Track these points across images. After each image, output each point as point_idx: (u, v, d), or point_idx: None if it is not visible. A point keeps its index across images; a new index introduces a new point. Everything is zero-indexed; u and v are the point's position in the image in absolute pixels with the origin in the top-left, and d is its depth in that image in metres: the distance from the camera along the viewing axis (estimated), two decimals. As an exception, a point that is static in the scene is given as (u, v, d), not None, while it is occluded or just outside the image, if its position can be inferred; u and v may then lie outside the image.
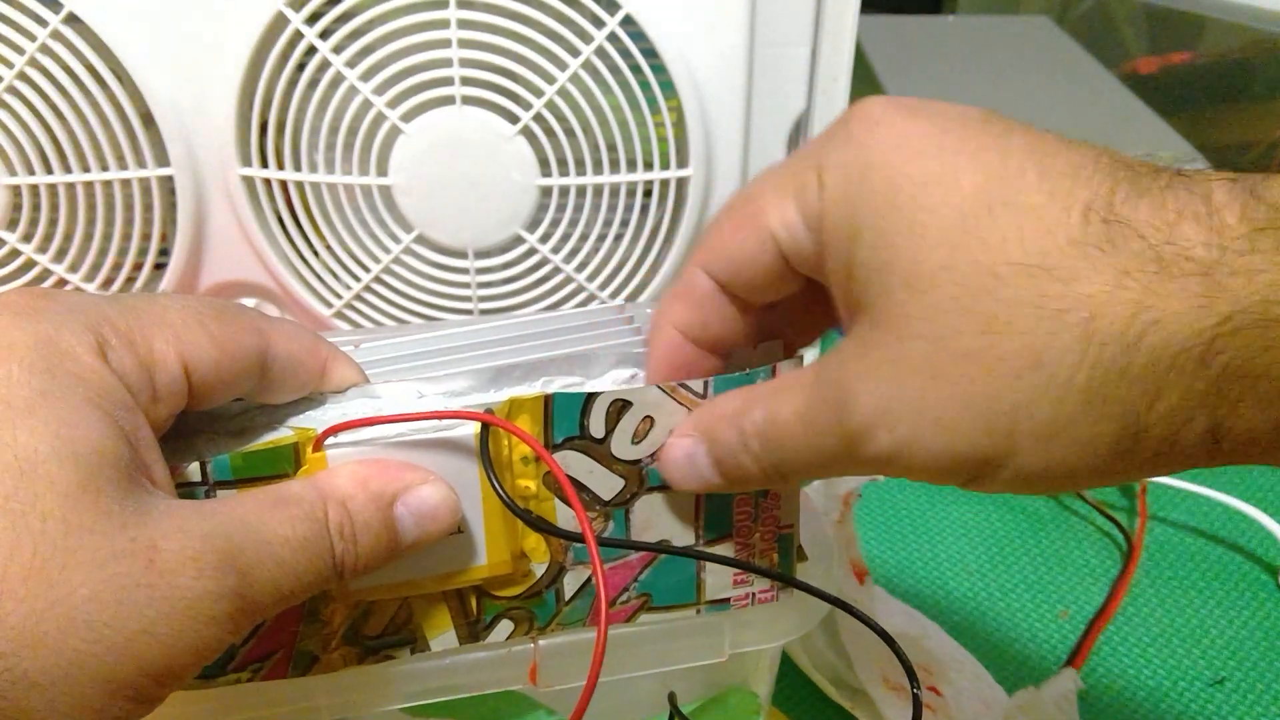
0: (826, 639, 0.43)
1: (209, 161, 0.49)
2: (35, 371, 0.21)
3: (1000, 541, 0.53)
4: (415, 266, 0.51)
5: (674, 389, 0.28)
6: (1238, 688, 0.45)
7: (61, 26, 0.45)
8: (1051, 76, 0.63)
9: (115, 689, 0.20)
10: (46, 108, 0.46)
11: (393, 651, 0.30)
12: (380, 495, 0.26)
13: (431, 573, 0.29)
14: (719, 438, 0.26)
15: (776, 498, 0.30)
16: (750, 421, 0.25)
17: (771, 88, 0.52)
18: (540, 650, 0.31)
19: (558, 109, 0.47)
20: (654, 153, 0.49)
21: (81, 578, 0.20)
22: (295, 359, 0.27)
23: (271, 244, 0.51)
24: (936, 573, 0.51)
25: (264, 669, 0.29)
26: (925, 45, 0.69)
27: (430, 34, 0.46)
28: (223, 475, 0.26)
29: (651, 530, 0.30)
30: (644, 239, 0.52)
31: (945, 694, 0.42)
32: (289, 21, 0.45)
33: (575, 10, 0.46)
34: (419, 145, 0.48)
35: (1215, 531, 0.53)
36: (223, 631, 0.22)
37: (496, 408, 0.28)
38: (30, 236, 0.49)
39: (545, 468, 0.28)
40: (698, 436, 0.27)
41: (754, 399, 0.26)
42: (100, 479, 0.21)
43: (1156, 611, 0.49)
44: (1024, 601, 0.49)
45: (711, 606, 0.32)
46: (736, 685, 0.36)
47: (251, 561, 0.23)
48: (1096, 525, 0.54)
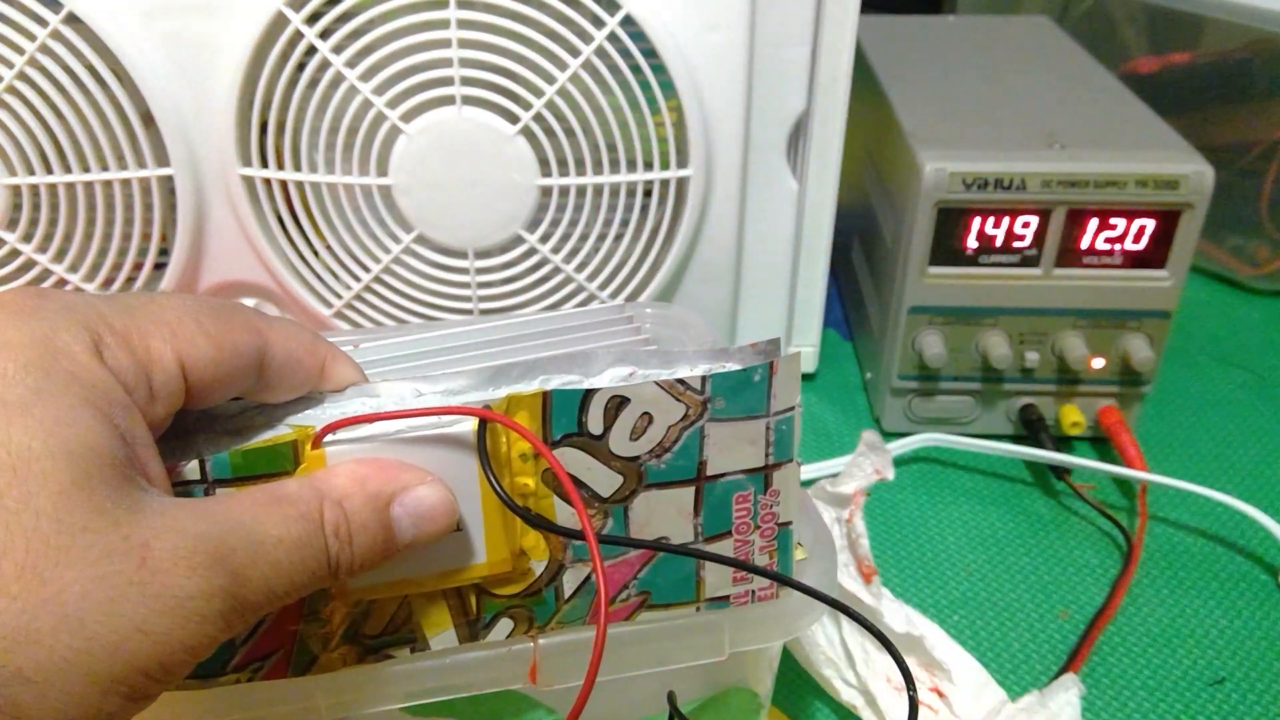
0: (828, 636, 0.43)
1: (209, 161, 0.49)
2: (31, 370, 0.21)
3: (1000, 541, 0.53)
4: (415, 266, 0.51)
5: (672, 385, 0.28)
6: (1238, 688, 0.45)
7: (61, 26, 0.45)
8: (1051, 76, 0.63)
9: (107, 686, 0.20)
10: (46, 108, 0.46)
11: (392, 651, 0.30)
12: (377, 495, 0.26)
13: (430, 571, 0.28)
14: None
15: (776, 494, 0.30)
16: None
17: (771, 88, 0.52)
18: (540, 649, 0.31)
19: (558, 109, 0.47)
20: (654, 153, 0.49)
21: (74, 575, 0.20)
22: (293, 358, 0.27)
23: (271, 244, 0.51)
24: (936, 573, 0.51)
25: (264, 669, 0.29)
26: (925, 45, 0.69)
27: (430, 34, 0.46)
28: (221, 473, 0.26)
29: (650, 527, 0.30)
30: (644, 239, 0.52)
31: (948, 695, 0.42)
32: (289, 21, 0.45)
33: (575, 10, 0.46)
34: (419, 145, 0.48)
35: (1215, 531, 0.53)
36: (215, 630, 0.22)
37: (495, 404, 0.27)
38: (30, 236, 0.49)
39: (544, 465, 0.28)
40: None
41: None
42: (94, 477, 0.21)
43: (1156, 611, 0.49)
44: (1024, 601, 0.49)
45: (711, 604, 0.32)
46: (736, 684, 0.36)
47: (244, 561, 0.23)
48: (1096, 525, 0.54)
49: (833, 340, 0.69)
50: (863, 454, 0.48)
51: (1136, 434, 0.56)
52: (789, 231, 0.57)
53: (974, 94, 0.60)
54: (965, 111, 0.58)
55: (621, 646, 0.31)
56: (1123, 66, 0.75)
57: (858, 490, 0.47)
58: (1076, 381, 0.57)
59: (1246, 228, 0.73)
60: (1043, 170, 0.50)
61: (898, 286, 0.55)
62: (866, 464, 0.48)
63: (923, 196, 0.51)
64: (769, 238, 0.57)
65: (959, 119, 0.57)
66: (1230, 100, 0.71)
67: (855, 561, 0.45)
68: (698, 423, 0.29)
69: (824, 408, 0.63)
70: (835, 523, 0.47)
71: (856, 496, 0.47)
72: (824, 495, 0.48)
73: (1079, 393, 0.57)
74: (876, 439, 0.48)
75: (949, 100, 0.60)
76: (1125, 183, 0.50)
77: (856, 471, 0.48)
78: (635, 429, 0.28)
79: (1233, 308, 0.73)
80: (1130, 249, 0.52)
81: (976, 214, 0.52)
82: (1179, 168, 0.50)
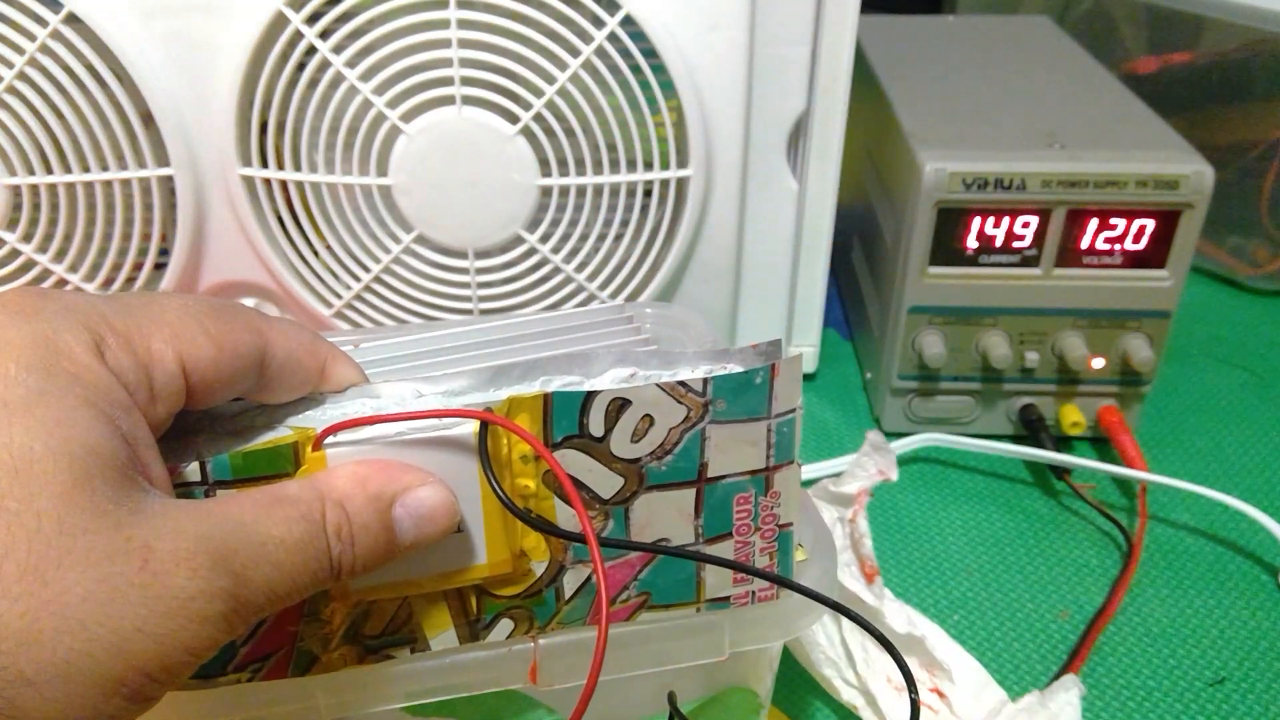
0: (828, 636, 0.43)
1: (209, 161, 0.49)
2: (32, 370, 0.21)
3: (1000, 541, 0.53)
4: (415, 266, 0.51)
5: (674, 387, 0.28)
6: (1238, 688, 0.45)
7: (61, 26, 0.45)
8: (1051, 76, 0.63)
9: (110, 687, 0.20)
10: (46, 108, 0.46)
11: (393, 651, 0.30)
12: (379, 496, 0.26)
13: (431, 572, 0.28)
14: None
15: (776, 496, 0.30)
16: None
17: (771, 88, 0.52)
18: (540, 649, 0.31)
19: (558, 109, 0.47)
20: (654, 153, 0.49)
21: (76, 576, 0.20)
22: (294, 358, 0.27)
23: (271, 244, 0.51)
24: (936, 573, 0.51)
25: (264, 669, 0.29)
26: (925, 45, 0.69)
27: (430, 34, 0.46)
28: (222, 475, 0.26)
29: (651, 529, 0.30)
30: (644, 239, 0.52)
31: (948, 695, 0.42)
32: (289, 21, 0.45)
33: (575, 10, 0.46)
34: (419, 145, 0.48)
35: (1215, 531, 0.53)
36: (217, 631, 0.22)
37: (496, 406, 0.27)
38: (30, 236, 0.49)
39: (544, 466, 0.28)
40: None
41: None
42: (95, 478, 0.21)
43: (1156, 611, 0.49)
44: (1024, 601, 0.49)
45: (711, 604, 0.32)
46: (736, 684, 0.36)
47: (246, 562, 0.23)
48: (1096, 525, 0.54)
49: (833, 340, 0.69)
50: (867, 454, 0.48)
51: (1136, 434, 0.56)
52: (789, 231, 0.57)
53: (974, 94, 0.61)
54: (965, 111, 0.58)
55: (622, 647, 0.31)
56: (1123, 66, 0.75)
57: (861, 490, 0.47)
58: (1076, 381, 0.57)
59: (1246, 228, 0.73)
60: (1043, 170, 0.50)
61: (898, 286, 0.55)
62: (870, 464, 0.48)
63: (923, 196, 0.51)
64: (769, 238, 0.57)
65: (959, 119, 0.57)
66: (1230, 100, 0.71)
67: (858, 561, 0.45)
68: (699, 424, 0.29)
69: (824, 408, 0.63)
70: (838, 522, 0.47)
71: (860, 496, 0.47)
72: (826, 495, 0.48)
73: (1079, 393, 0.57)
74: (881, 440, 0.48)
75: (949, 100, 0.60)
76: (1125, 183, 0.50)
77: (860, 472, 0.48)
78: (636, 431, 0.28)
79: (1233, 308, 0.73)
80: (1130, 249, 0.52)
81: (976, 214, 0.52)
82: (1179, 168, 0.50)
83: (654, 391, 0.28)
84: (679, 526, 0.30)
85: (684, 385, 0.28)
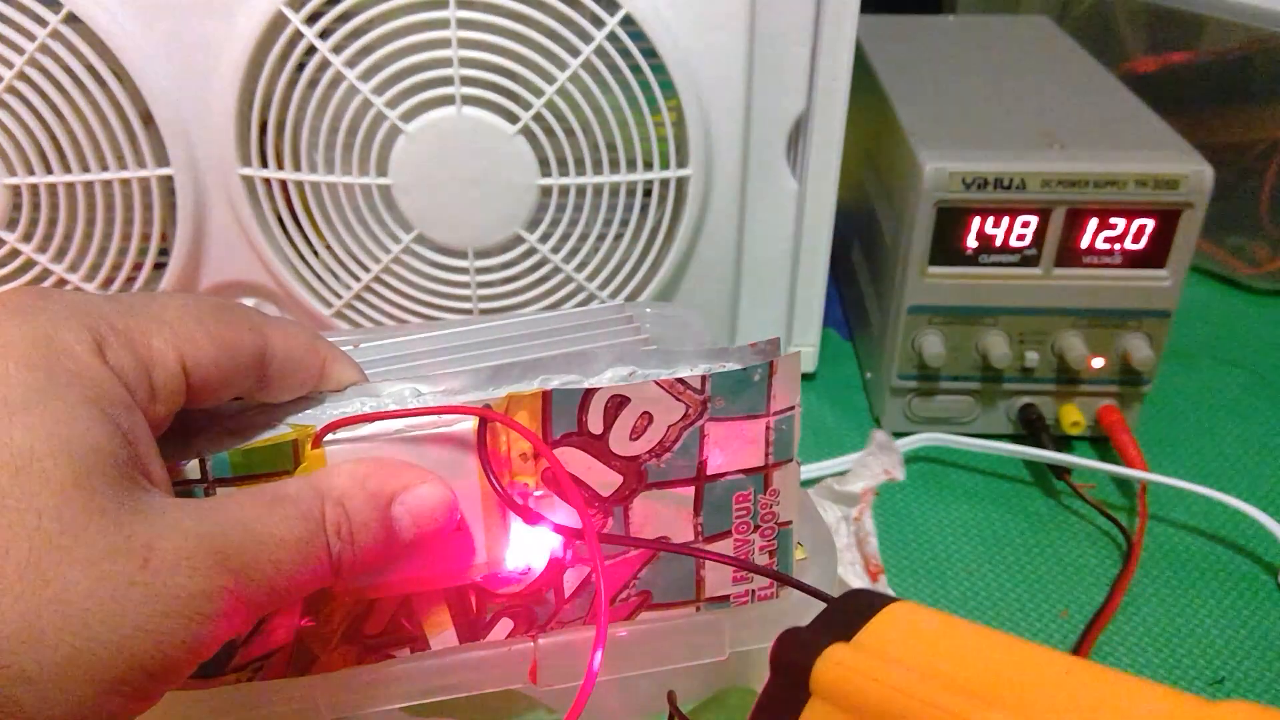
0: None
1: (209, 161, 0.49)
2: (33, 369, 0.21)
3: (1000, 541, 0.53)
4: (415, 266, 0.51)
5: (672, 385, 0.28)
6: (1238, 688, 0.45)
7: (61, 26, 0.45)
8: (1051, 76, 0.63)
9: (110, 686, 0.20)
10: (46, 108, 0.46)
11: (392, 650, 0.30)
12: (378, 494, 0.26)
13: (431, 570, 0.29)
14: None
15: (775, 494, 0.30)
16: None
17: (771, 88, 0.52)
18: (540, 649, 0.31)
19: (558, 109, 0.47)
20: (654, 153, 0.49)
21: (76, 575, 0.20)
22: (294, 357, 0.27)
23: (271, 244, 0.51)
24: (936, 572, 0.51)
25: (264, 668, 0.29)
26: (925, 45, 0.69)
27: (430, 34, 0.46)
28: (222, 473, 0.26)
29: (650, 527, 0.30)
30: (644, 239, 0.52)
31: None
32: (289, 21, 0.45)
33: (575, 10, 0.46)
34: (419, 145, 0.48)
35: (1215, 531, 0.53)
36: (217, 630, 0.22)
37: (495, 403, 0.28)
38: (30, 236, 0.49)
39: (544, 464, 0.28)
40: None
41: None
42: (96, 477, 0.21)
43: (1156, 611, 0.49)
44: (1024, 601, 0.49)
45: (711, 603, 0.32)
46: (736, 684, 0.36)
47: (247, 561, 0.23)
48: (1096, 525, 0.54)
49: (833, 340, 0.69)
50: (872, 453, 0.48)
51: (1136, 434, 0.56)
52: (789, 231, 0.57)
53: (974, 94, 0.61)
54: (965, 111, 0.58)
55: (621, 646, 0.31)
56: (1123, 66, 0.75)
57: (867, 489, 0.47)
58: (1076, 381, 0.57)
59: (1246, 228, 0.73)
60: (1042, 170, 0.50)
61: (897, 286, 0.55)
62: (875, 463, 0.48)
63: (923, 196, 0.51)
64: (769, 238, 0.57)
65: (959, 119, 0.57)
66: (1230, 100, 0.71)
67: (862, 560, 0.45)
68: (697, 422, 0.29)
69: (824, 407, 0.63)
70: (843, 520, 0.47)
71: (866, 495, 0.47)
72: (831, 493, 0.48)
73: (1079, 392, 0.57)
74: (888, 439, 0.48)
75: (949, 100, 0.60)
76: (1125, 182, 0.50)
77: (865, 470, 0.48)
78: (635, 428, 0.28)
79: (1233, 308, 0.73)
80: (1130, 248, 0.52)
81: (976, 214, 0.52)
82: (1179, 167, 0.50)
83: (653, 389, 0.28)
84: (678, 524, 0.30)
85: (682, 382, 0.28)
